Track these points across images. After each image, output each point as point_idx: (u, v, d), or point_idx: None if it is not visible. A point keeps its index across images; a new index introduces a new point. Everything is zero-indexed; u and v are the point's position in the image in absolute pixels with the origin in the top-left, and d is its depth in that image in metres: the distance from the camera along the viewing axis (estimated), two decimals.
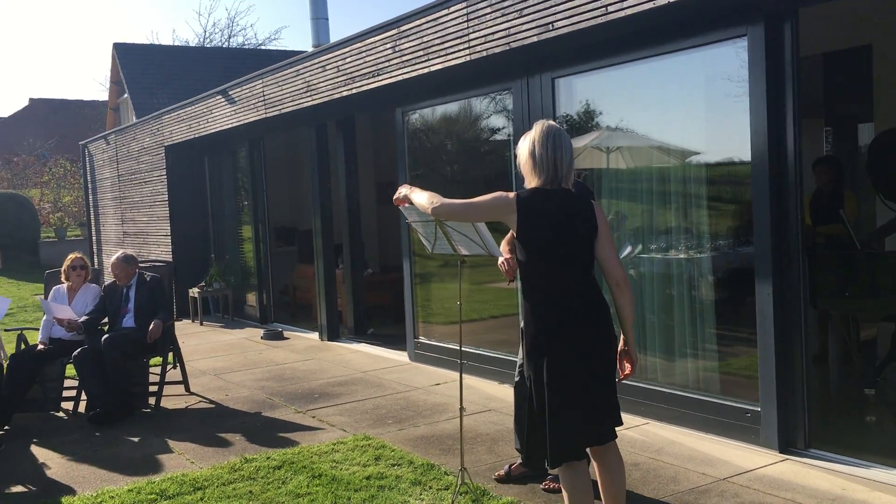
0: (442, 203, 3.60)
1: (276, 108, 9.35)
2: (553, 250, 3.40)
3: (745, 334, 5.29)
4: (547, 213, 3.38)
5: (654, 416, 5.66)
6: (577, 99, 6.35)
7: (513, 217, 3.40)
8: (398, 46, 7.18)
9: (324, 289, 9.88)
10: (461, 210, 3.60)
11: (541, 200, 3.40)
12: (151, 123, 13.14)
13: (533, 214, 3.38)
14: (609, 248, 3.51)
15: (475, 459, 5.10)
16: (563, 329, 3.38)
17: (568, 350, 3.37)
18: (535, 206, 3.39)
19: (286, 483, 4.83)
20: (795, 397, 4.87)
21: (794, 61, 4.77)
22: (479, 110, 7.68)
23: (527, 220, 3.38)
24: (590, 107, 6.40)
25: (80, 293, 7.11)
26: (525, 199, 3.41)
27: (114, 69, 23.95)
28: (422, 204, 3.70)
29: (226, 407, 6.83)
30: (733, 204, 5.55)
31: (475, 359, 7.30)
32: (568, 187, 3.46)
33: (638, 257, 6.06)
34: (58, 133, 36.00)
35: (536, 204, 3.39)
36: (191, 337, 10.56)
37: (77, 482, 5.07)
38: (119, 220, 14.90)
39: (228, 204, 12.64)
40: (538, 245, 3.40)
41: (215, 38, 38.70)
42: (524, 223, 3.39)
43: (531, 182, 3.47)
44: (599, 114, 6.38)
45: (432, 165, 8.43)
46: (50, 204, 24.83)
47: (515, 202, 3.40)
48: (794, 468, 4.68)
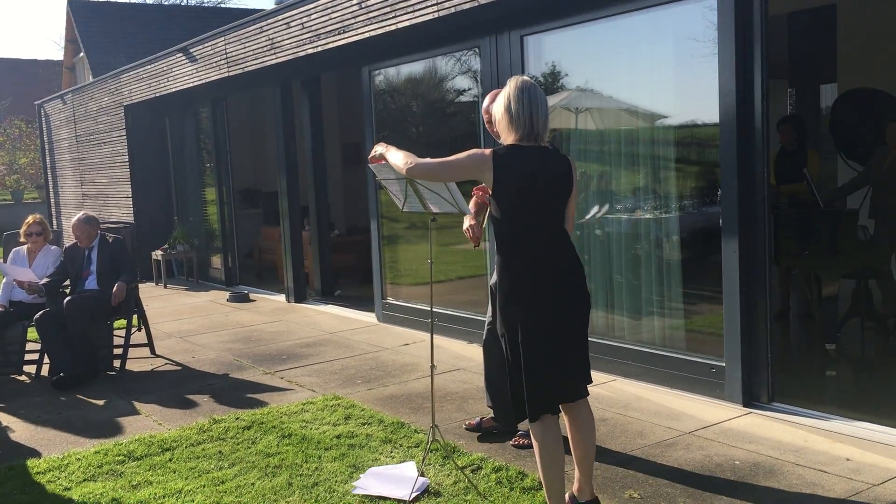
0: (416, 163, 3.55)
1: (239, 66, 9.17)
2: (530, 207, 3.39)
3: (710, 292, 5.36)
4: (524, 170, 3.36)
5: (622, 373, 5.74)
6: (547, 57, 6.31)
7: (489, 174, 3.37)
8: (364, 3, 7.05)
9: (290, 250, 9.80)
10: (437, 169, 3.55)
11: (518, 157, 3.37)
12: (110, 82, 12.83)
13: (510, 171, 3.35)
14: (572, 205, 3.54)
15: (445, 417, 5.13)
16: (540, 285, 3.38)
17: (544, 305, 3.38)
18: (511, 163, 3.36)
19: (256, 443, 4.82)
20: (759, 353, 4.96)
21: (762, 20, 4.77)
22: (448, 69, 7.60)
23: (503, 177, 3.35)
24: (559, 66, 6.36)
25: (41, 255, 6.97)
26: (502, 155, 3.38)
27: (69, 27, 23.28)
28: (397, 164, 3.65)
29: (192, 369, 6.78)
30: (700, 164, 5.58)
31: (443, 319, 7.32)
32: (545, 144, 3.45)
33: (605, 217, 6.08)
34: (12, 93, 34.98)
35: (513, 160, 3.36)
36: (155, 300, 10.44)
37: (42, 445, 5.01)
38: (78, 181, 14.60)
39: (191, 165, 12.43)
40: (515, 201, 3.38)
41: None
42: (500, 179, 3.36)
43: (507, 138, 3.44)
44: (568, 73, 6.35)
45: (399, 126, 8.35)
46: (5, 166, 24.25)
47: (492, 159, 3.37)
48: (757, 421, 4.78)
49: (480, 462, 4.33)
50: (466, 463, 4.32)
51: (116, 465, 4.56)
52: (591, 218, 6.16)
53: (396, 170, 3.70)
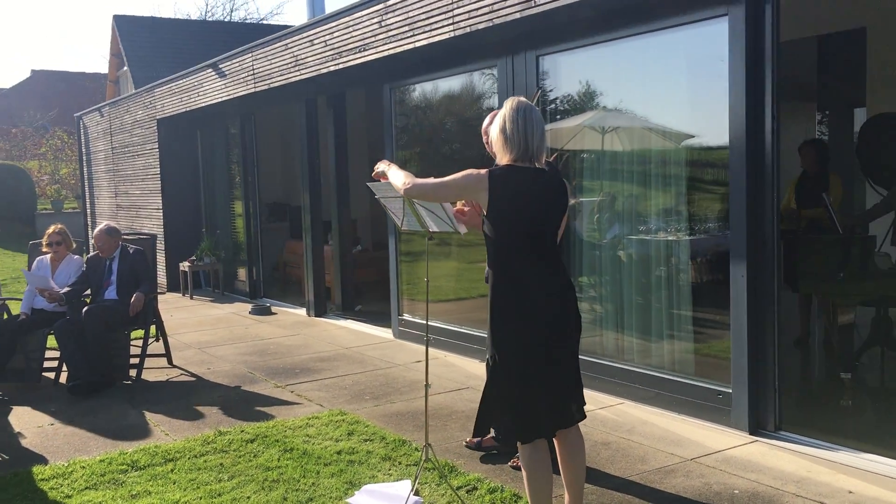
0: (413, 183, 3.56)
1: (264, 82, 9.31)
2: (523, 227, 3.38)
3: (719, 316, 5.29)
4: (519, 191, 3.35)
5: (629, 396, 5.67)
6: (562, 77, 6.31)
7: (484, 194, 3.37)
8: (384, 21, 7.13)
9: (311, 265, 9.89)
10: (433, 189, 3.56)
11: (513, 177, 3.36)
12: (144, 96, 13.10)
13: (505, 191, 3.34)
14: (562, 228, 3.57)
15: (448, 436, 5.12)
16: (532, 306, 3.36)
17: (536, 327, 3.36)
18: (507, 183, 3.35)
19: (257, 456, 4.85)
20: (766, 379, 4.87)
21: (774, 42, 4.72)
22: (466, 88, 7.63)
23: (498, 197, 3.35)
24: (574, 86, 6.35)
25: (63, 264, 7.11)
26: (497, 175, 3.37)
27: (114, 41, 23.83)
28: (395, 183, 3.67)
29: (206, 380, 6.85)
30: (712, 186, 5.52)
31: (459, 337, 7.31)
32: (541, 165, 3.44)
33: (615, 238, 6.04)
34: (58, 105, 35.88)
35: (508, 181, 3.36)
36: (179, 310, 10.59)
37: (50, 452, 5.10)
38: (112, 192, 14.90)
39: (220, 178, 12.62)
40: (508, 222, 3.37)
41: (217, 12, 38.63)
42: (495, 200, 3.35)
43: (503, 159, 3.44)
44: (584, 93, 6.34)
45: (419, 141, 8.39)
46: (48, 176, 24.79)
47: (487, 179, 3.36)
48: (761, 449, 4.69)
49: (476, 483, 4.31)
50: (462, 483, 4.30)
51: (119, 475, 4.62)
52: (612, 239, 6.12)
53: (395, 188, 3.72)
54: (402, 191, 3.62)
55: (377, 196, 4.17)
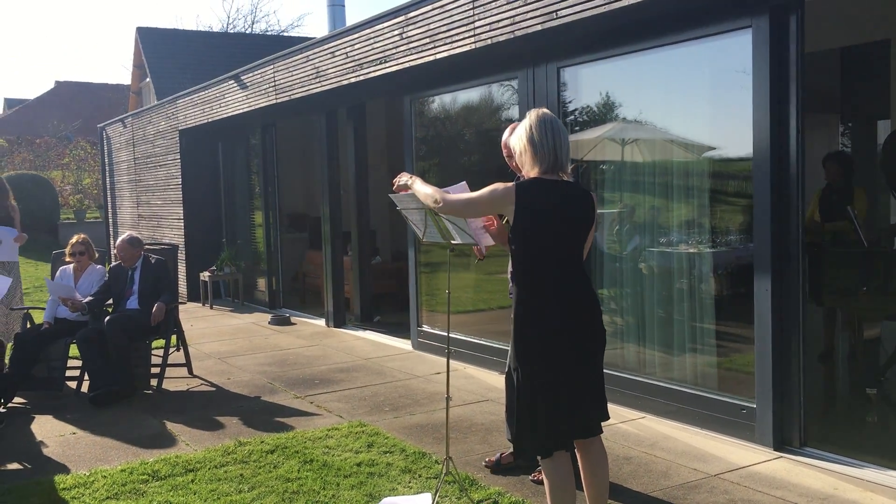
0: (445, 200, 3.55)
1: (286, 93, 9.36)
2: (550, 241, 3.36)
3: (743, 330, 5.23)
4: (547, 204, 3.33)
5: (651, 411, 5.62)
6: (582, 89, 6.29)
7: (511, 208, 3.34)
8: (405, 33, 7.15)
9: (331, 275, 9.91)
10: (463, 206, 3.54)
11: (541, 190, 3.34)
12: (167, 107, 13.21)
13: (532, 204, 3.32)
14: (589, 241, 3.51)
15: (467, 449, 5.09)
16: (557, 318, 3.34)
17: (561, 339, 3.34)
18: (534, 197, 3.33)
19: (277, 467, 4.84)
20: (791, 395, 4.81)
21: (798, 55, 4.69)
22: (486, 99, 7.63)
23: (525, 211, 3.32)
24: (595, 98, 6.34)
25: (86, 274, 7.17)
26: (525, 188, 3.35)
27: (136, 53, 24.10)
28: (426, 197, 3.65)
29: (226, 390, 6.87)
30: (736, 198, 5.48)
31: (477, 349, 7.29)
32: (568, 177, 3.42)
33: (639, 250, 6.01)
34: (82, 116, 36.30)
35: (536, 194, 3.34)
36: (199, 320, 10.64)
37: (72, 461, 5.12)
38: (135, 202, 15.02)
39: (241, 189, 12.69)
40: (536, 235, 3.35)
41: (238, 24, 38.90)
42: (522, 213, 3.33)
43: (531, 172, 3.41)
44: (604, 105, 6.32)
45: (439, 153, 8.39)
46: (71, 185, 25.05)
47: (514, 192, 3.34)
48: (787, 466, 4.63)
49: (497, 496, 4.28)
50: (483, 497, 4.27)
51: (140, 485, 4.63)
52: (633, 251, 6.09)
53: (424, 202, 3.70)
54: (435, 207, 3.60)
55: (399, 207, 4.17)
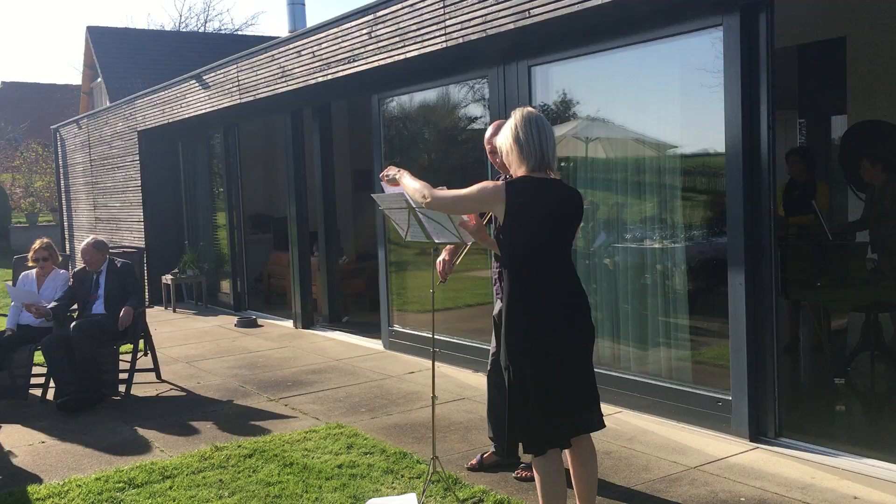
0: (434, 196, 3.52)
1: (250, 93, 9.25)
2: (541, 238, 3.37)
3: (717, 324, 5.32)
4: (537, 201, 3.34)
5: (628, 405, 5.68)
6: (554, 87, 6.33)
7: (501, 206, 3.34)
8: (374, 32, 7.12)
9: (298, 276, 9.82)
10: (451, 203, 3.53)
11: (530, 188, 3.35)
12: (124, 108, 12.96)
13: (522, 202, 3.33)
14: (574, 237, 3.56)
15: (448, 448, 5.09)
16: (549, 315, 3.36)
17: (553, 336, 3.36)
18: (524, 194, 3.34)
19: (257, 471, 4.79)
20: (766, 387, 4.90)
21: (769, 52, 4.77)
22: (456, 98, 7.63)
23: (516, 208, 3.33)
24: (566, 96, 6.38)
25: (49, 279, 7.00)
26: (514, 186, 3.36)
27: (87, 53, 23.60)
28: (414, 192, 3.62)
29: (197, 395, 6.76)
30: (708, 194, 5.56)
31: (450, 347, 7.29)
32: (555, 174, 3.44)
33: (613, 247, 6.06)
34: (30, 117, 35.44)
35: (526, 191, 3.35)
36: (163, 324, 10.46)
37: (44, 470, 5.00)
38: (91, 205, 14.71)
39: (202, 190, 12.51)
40: (526, 232, 3.36)
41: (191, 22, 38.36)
42: (513, 211, 3.33)
43: (518, 170, 3.42)
44: (576, 103, 6.37)
45: (408, 153, 8.37)
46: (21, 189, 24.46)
47: (504, 190, 3.34)
48: (764, 456, 4.71)
49: (482, 495, 4.28)
50: (468, 496, 4.27)
51: (116, 493, 4.54)
52: (598, 247, 6.14)
53: (411, 198, 3.68)
54: (423, 203, 3.58)
55: (381, 207, 4.15)
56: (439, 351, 7.42)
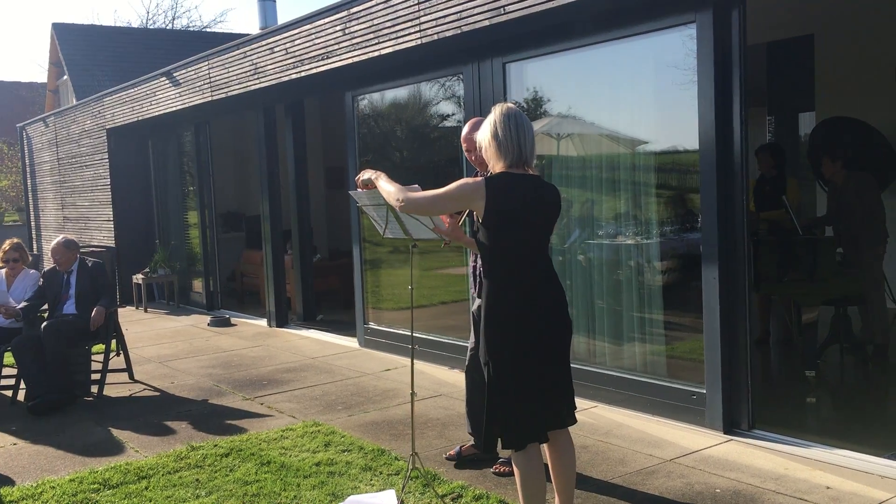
0: (408, 198, 3.50)
1: (222, 90, 9.17)
2: (521, 234, 3.38)
3: (690, 318, 5.38)
4: (517, 197, 3.35)
5: (603, 400, 5.73)
6: (529, 84, 6.36)
7: (481, 203, 3.33)
8: (348, 29, 7.09)
9: (272, 275, 9.76)
10: (429, 203, 3.51)
11: (510, 184, 3.36)
12: (92, 106, 12.79)
13: (503, 198, 3.33)
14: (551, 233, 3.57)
15: (426, 444, 5.09)
16: (528, 311, 3.37)
17: (532, 332, 3.37)
18: (504, 190, 3.34)
19: (234, 470, 4.76)
20: (740, 380, 4.97)
21: (741, 49, 4.83)
22: (431, 95, 7.64)
23: (496, 204, 3.32)
24: (541, 92, 6.41)
25: (19, 279, 6.90)
26: (494, 182, 3.35)
27: (53, 50, 23.21)
28: (388, 197, 3.61)
29: (171, 395, 6.70)
30: (680, 190, 5.62)
31: (425, 344, 7.29)
32: (533, 171, 3.45)
33: (586, 243, 6.11)
34: None
35: (506, 187, 3.35)
36: (135, 324, 10.35)
37: (16, 472, 4.93)
38: (59, 204, 14.50)
39: (173, 189, 12.38)
40: (506, 229, 3.36)
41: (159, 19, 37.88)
42: (493, 207, 3.33)
43: (496, 166, 3.42)
44: (550, 100, 6.40)
45: (382, 150, 8.36)
46: None
47: (484, 186, 3.34)
48: (738, 448, 4.78)
49: (461, 490, 4.29)
50: (447, 491, 4.28)
51: (91, 494, 4.49)
52: (572, 243, 6.18)
53: (388, 201, 3.67)
54: (397, 207, 3.57)
55: (359, 204, 4.14)
56: (417, 348, 7.45)
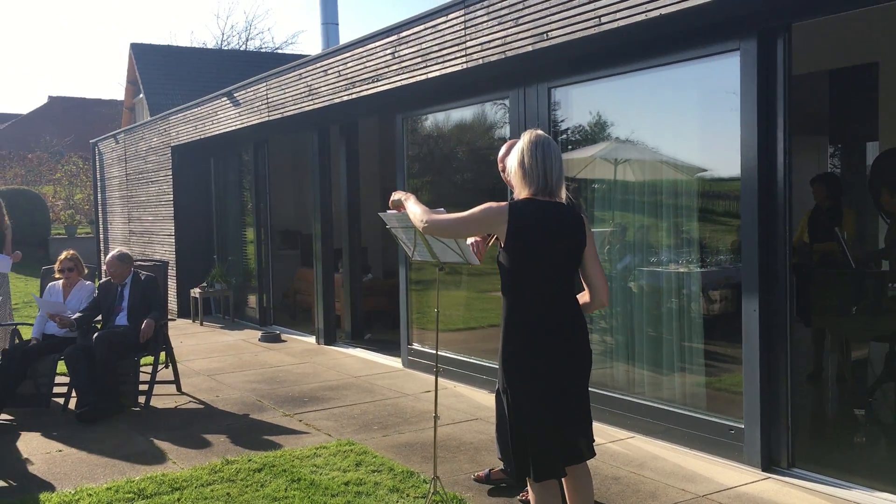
0: (431, 220, 3.51)
1: (278, 111, 9.38)
2: (541, 261, 3.35)
3: (732, 350, 5.25)
4: (538, 224, 3.33)
5: (640, 430, 5.62)
6: (573, 109, 6.34)
7: (503, 227, 3.33)
8: (398, 52, 7.19)
9: (322, 292, 9.89)
10: (452, 226, 3.51)
11: (533, 211, 3.34)
12: (159, 124, 13.22)
13: (524, 224, 3.32)
14: (596, 264, 3.46)
15: (456, 468, 5.07)
16: (549, 342, 3.33)
17: (552, 364, 3.32)
18: (526, 217, 3.33)
19: (264, 486, 4.82)
20: (779, 415, 4.82)
21: (786, 77, 4.73)
22: (479, 118, 7.67)
23: (517, 230, 3.31)
24: (586, 118, 6.38)
25: (75, 290, 7.14)
26: (517, 208, 3.34)
27: (130, 69, 24.14)
28: (414, 217, 3.63)
29: (214, 408, 6.83)
30: (725, 218, 5.51)
31: (467, 367, 7.28)
32: (560, 199, 3.42)
33: (628, 270, 6.03)
34: (74, 131, 36.31)
35: (528, 214, 3.33)
36: (189, 337, 10.60)
37: (58, 479, 5.08)
38: (126, 218, 14.99)
39: (232, 205, 12.69)
40: (527, 255, 3.34)
41: (233, 41, 39.05)
42: (514, 233, 3.32)
43: (521, 193, 3.41)
44: (595, 125, 6.36)
45: (431, 172, 8.42)
46: (62, 201, 24.99)
47: (507, 211, 3.33)
48: (775, 487, 4.63)
49: None
50: None
51: (125, 503, 4.59)
52: (623, 270, 6.10)
53: (413, 222, 3.68)
54: (420, 227, 3.59)
55: (388, 226, 4.18)
56: (442, 369, 7.44)
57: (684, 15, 4.76)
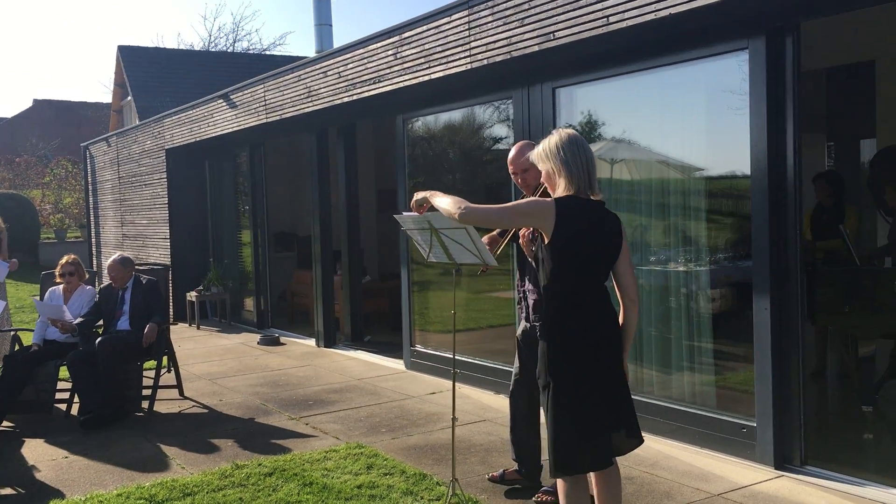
0: (470, 208, 3.42)
1: (276, 113, 9.34)
2: (585, 259, 3.36)
3: (741, 349, 5.26)
4: (583, 223, 3.34)
5: (651, 430, 5.60)
6: (578, 109, 6.33)
7: (550, 224, 3.30)
8: (399, 53, 7.17)
9: (321, 295, 9.85)
10: (495, 215, 3.47)
11: (578, 208, 3.35)
12: (153, 126, 13.14)
13: (570, 222, 3.31)
14: (628, 264, 3.48)
15: (468, 470, 5.06)
16: (590, 337, 3.35)
17: (594, 358, 3.35)
18: (572, 214, 3.32)
19: (277, 490, 4.78)
20: (791, 413, 4.83)
21: (794, 75, 4.74)
22: (481, 119, 7.66)
23: (564, 228, 3.31)
24: (591, 118, 6.38)
25: (76, 295, 7.08)
26: (564, 205, 3.33)
27: (118, 71, 23.99)
28: (447, 209, 3.51)
29: (219, 412, 6.79)
30: (733, 217, 5.52)
31: (471, 368, 7.26)
32: (596, 196, 3.42)
33: (637, 269, 6.02)
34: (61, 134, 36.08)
35: (574, 211, 3.33)
36: (187, 341, 10.53)
37: (66, 485, 5.03)
38: (119, 222, 14.88)
39: (228, 208, 12.63)
40: (572, 254, 3.34)
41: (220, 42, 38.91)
42: (561, 229, 3.30)
43: (562, 190, 3.39)
44: (600, 125, 6.36)
45: (432, 173, 8.40)
46: (51, 205, 24.81)
47: (555, 208, 3.32)
48: (788, 485, 4.63)
49: None
50: None
51: None
52: None
53: (446, 214, 3.58)
54: (457, 216, 3.44)
55: (403, 228, 4.16)
56: (459, 372, 7.41)
57: (694, 14, 4.76)
